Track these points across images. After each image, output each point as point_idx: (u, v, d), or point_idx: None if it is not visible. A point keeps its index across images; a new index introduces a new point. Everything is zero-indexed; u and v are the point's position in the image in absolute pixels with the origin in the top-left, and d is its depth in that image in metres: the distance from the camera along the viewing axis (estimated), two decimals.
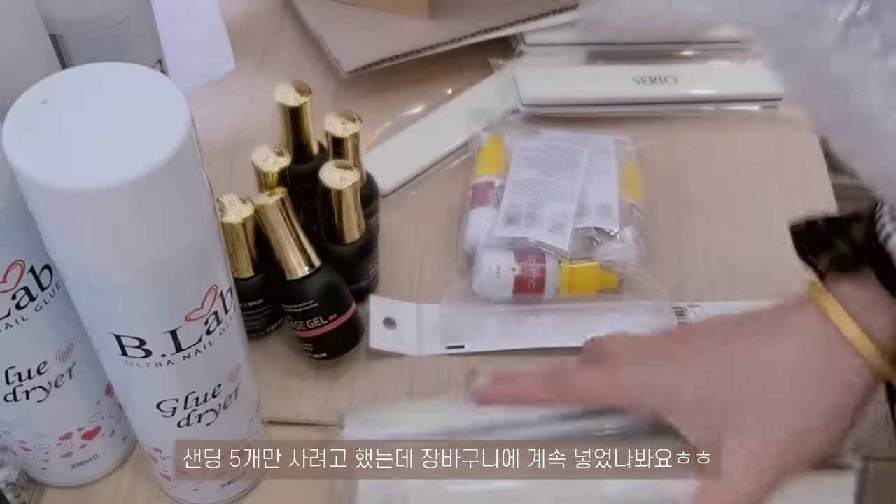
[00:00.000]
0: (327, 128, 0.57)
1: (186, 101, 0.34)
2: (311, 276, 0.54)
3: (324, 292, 0.54)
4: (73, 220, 0.34)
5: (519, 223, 0.60)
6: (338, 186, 0.54)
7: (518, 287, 0.59)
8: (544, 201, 0.61)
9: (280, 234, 0.53)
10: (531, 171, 0.63)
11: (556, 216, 0.60)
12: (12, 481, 0.52)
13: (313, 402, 0.57)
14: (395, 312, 0.60)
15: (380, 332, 0.59)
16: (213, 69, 0.74)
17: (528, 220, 0.60)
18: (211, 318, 0.40)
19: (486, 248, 0.60)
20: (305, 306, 0.54)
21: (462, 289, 0.60)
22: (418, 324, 0.60)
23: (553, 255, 0.59)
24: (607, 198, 0.62)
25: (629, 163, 0.66)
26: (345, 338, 0.57)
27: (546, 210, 0.60)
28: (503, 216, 0.60)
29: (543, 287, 0.59)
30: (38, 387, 0.45)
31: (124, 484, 0.53)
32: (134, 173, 0.32)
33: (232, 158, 0.69)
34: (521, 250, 0.59)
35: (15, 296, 0.40)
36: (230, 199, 0.52)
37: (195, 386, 0.43)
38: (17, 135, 0.33)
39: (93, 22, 0.46)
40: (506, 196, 0.61)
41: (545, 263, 0.59)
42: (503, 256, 0.59)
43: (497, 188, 0.63)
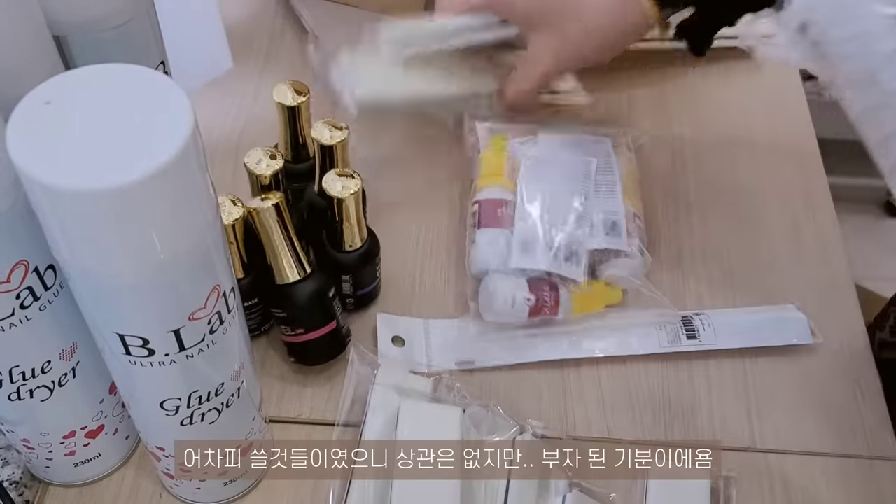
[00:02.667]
0: (314, 135, 0.57)
1: (190, 102, 0.34)
2: (300, 283, 0.54)
3: (309, 301, 0.54)
4: (76, 221, 0.34)
5: (535, 252, 0.58)
6: (340, 195, 0.54)
7: (533, 314, 0.58)
8: (558, 225, 0.59)
9: (273, 238, 0.53)
10: (541, 191, 0.61)
11: (572, 243, 0.58)
12: (16, 479, 0.52)
13: (315, 401, 0.57)
14: (403, 330, 0.60)
15: (387, 350, 0.59)
16: (212, 68, 0.75)
17: (545, 247, 0.58)
18: (214, 317, 0.40)
19: (500, 276, 0.58)
20: (291, 312, 0.54)
21: (473, 312, 0.59)
22: (426, 342, 0.60)
23: (568, 282, 0.58)
24: (614, 213, 0.61)
25: (628, 166, 0.66)
26: (324, 348, 0.56)
27: (561, 237, 0.59)
28: (518, 244, 0.58)
29: (557, 312, 0.58)
30: (41, 386, 0.45)
31: (127, 482, 0.53)
32: (138, 174, 0.32)
33: (234, 159, 0.69)
34: (534, 278, 0.58)
35: (19, 295, 0.40)
36: (221, 200, 0.52)
37: (198, 385, 0.43)
38: (22, 135, 0.33)
39: (96, 24, 0.46)
40: (518, 221, 0.59)
41: (559, 292, 0.58)
42: (517, 286, 0.57)
43: (507, 207, 0.61)
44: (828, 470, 0.56)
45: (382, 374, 0.56)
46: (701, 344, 0.59)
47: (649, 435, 0.56)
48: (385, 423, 0.53)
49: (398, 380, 0.56)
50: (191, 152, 0.34)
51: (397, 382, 0.55)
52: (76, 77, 0.35)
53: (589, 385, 0.59)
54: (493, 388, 0.58)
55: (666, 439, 0.56)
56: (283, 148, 0.61)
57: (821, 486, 0.55)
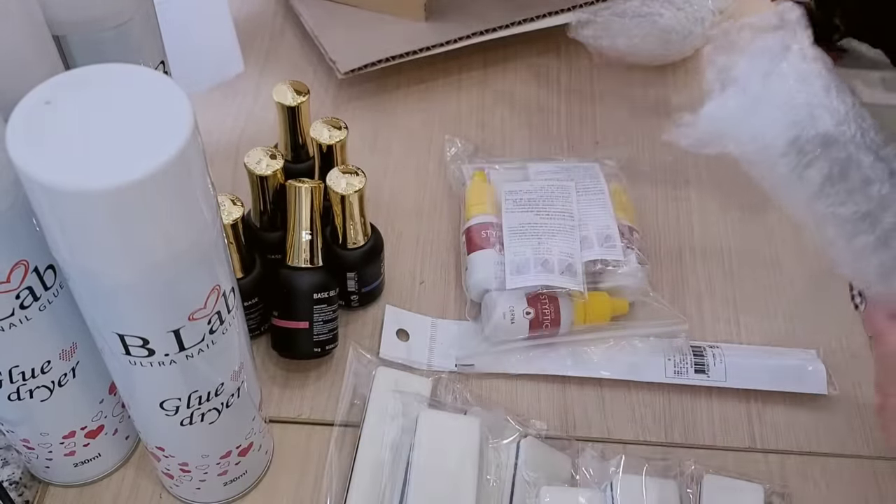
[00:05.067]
0: (313, 135, 0.57)
1: (190, 102, 0.34)
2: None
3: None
4: (76, 221, 0.34)
5: (528, 271, 0.58)
6: (345, 192, 0.54)
7: (533, 327, 0.58)
8: (547, 244, 0.59)
9: (304, 217, 0.54)
10: (526, 215, 0.61)
11: (564, 257, 0.58)
12: (16, 480, 0.52)
13: (315, 401, 0.57)
14: (410, 325, 0.60)
15: (391, 342, 0.59)
16: (222, 71, 0.75)
17: (538, 266, 0.58)
18: (214, 317, 0.40)
19: (497, 294, 0.58)
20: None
21: (475, 332, 0.59)
22: (431, 339, 0.60)
23: (566, 293, 0.58)
24: (606, 227, 0.61)
25: (616, 184, 0.65)
26: (289, 342, 0.56)
27: (553, 253, 0.58)
28: (511, 266, 0.58)
29: (559, 325, 0.58)
30: (41, 386, 0.45)
31: (127, 482, 0.53)
32: (138, 174, 0.32)
33: (235, 159, 0.69)
34: (532, 293, 0.58)
35: (19, 295, 0.40)
36: (221, 200, 0.52)
37: (198, 385, 0.43)
38: (21, 135, 0.33)
39: (96, 23, 0.46)
40: (507, 245, 0.59)
41: (559, 303, 0.58)
42: (515, 302, 0.57)
43: (494, 227, 0.61)
44: (828, 470, 0.56)
45: (381, 374, 0.56)
46: (708, 379, 0.58)
47: (649, 436, 0.57)
48: (390, 425, 0.53)
49: (397, 380, 0.56)
50: (191, 152, 0.34)
51: (396, 383, 0.55)
52: (76, 77, 0.35)
53: (589, 390, 0.59)
54: (493, 389, 0.58)
55: (666, 440, 0.56)
56: (283, 148, 0.61)
57: (821, 486, 0.55)
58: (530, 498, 0.51)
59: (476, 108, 0.75)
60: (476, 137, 0.72)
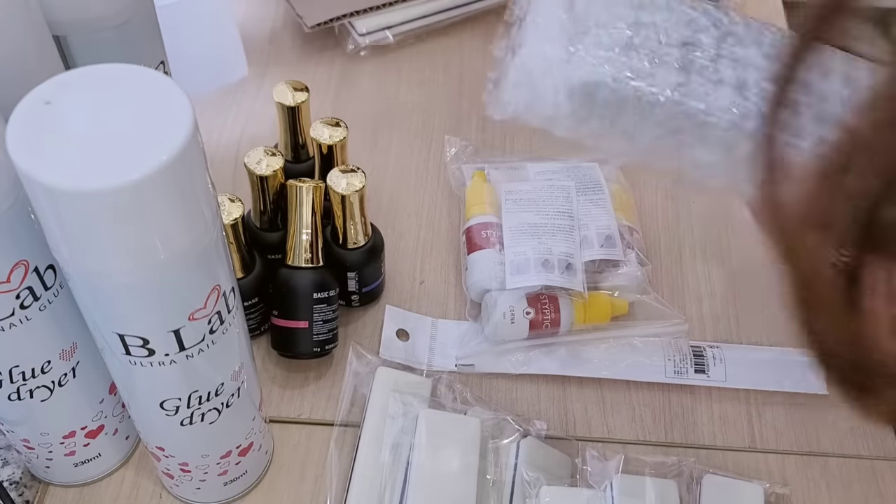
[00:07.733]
0: (313, 135, 0.57)
1: (190, 102, 0.34)
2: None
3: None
4: (76, 221, 0.34)
5: (528, 271, 0.57)
6: (345, 192, 0.54)
7: (533, 327, 0.58)
8: (547, 244, 0.59)
9: (305, 216, 0.54)
10: (525, 215, 0.60)
11: (564, 258, 0.58)
12: (16, 479, 0.52)
13: (315, 401, 0.57)
14: (410, 325, 0.60)
15: (391, 342, 0.59)
16: (226, 74, 0.75)
17: (538, 266, 0.57)
18: (214, 317, 0.40)
19: (497, 293, 0.58)
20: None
21: (475, 332, 0.59)
22: (431, 339, 0.60)
23: (566, 293, 0.58)
24: (606, 227, 0.61)
25: (617, 185, 0.65)
26: (288, 341, 0.56)
27: (553, 253, 0.58)
28: (511, 266, 0.58)
29: (559, 324, 0.58)
30: (41, 386, 0.45)
31: (127, 482, 0.53)
32: (138, 174, 0.32)
33: (235, 159, 0.69)
34: (532, 293, 0.58)
35: (19, 295, 0.40)
36: (221, 200, 0.52)
37: (198, 385, 0.43)
38: (21, 135, 0.33)
39: (96, 23, 0.46)
40: (507, 245, 0.59)
41: (559, 303, 0.58)
42: (515, 301, 0.57)
43: (494, 227, 0.61)
44: (828, 470, 0.56)
45: (381, 374, 0.56)
46: (708, 379, 0.58)
47: (649, 436, 0.57)
48: (391, 425, 0.53)
49: (397, 380, 0.56)
50: (191, 152, 0.34)
51: (396, 383, 0.55)
52: (76, 77, 0.35)
53: (589, 390, 0.59)
54: (493, 389, 0.58)
55: (666, 440, 0.56)
56: (283, 148, 0.61)
57: (821, 486, 0.55)
58: (530, 498, 0.51)
59: (476, 107, 0.75)
60: (476, 137, 0.72)
